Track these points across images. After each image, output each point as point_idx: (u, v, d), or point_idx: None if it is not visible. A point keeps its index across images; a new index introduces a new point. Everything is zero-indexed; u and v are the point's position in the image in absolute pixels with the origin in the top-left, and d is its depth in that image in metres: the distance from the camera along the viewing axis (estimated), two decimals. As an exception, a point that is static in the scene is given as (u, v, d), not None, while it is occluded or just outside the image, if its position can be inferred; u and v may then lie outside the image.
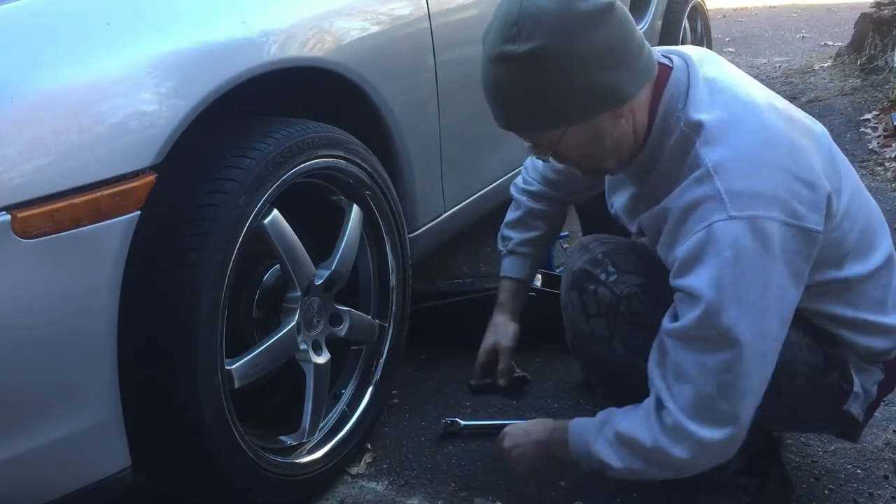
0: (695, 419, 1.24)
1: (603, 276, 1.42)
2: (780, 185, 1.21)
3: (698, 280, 1.21)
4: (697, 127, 1.25)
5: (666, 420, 1.27)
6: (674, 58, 1.32)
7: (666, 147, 1.29)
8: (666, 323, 1.28)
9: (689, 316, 1.22)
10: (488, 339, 1.72)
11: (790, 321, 1.26)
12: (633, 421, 1.32)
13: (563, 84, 1.20)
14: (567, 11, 1.18)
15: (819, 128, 1.37)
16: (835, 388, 1.40)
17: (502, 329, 1.72)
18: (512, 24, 1.19)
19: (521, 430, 1.52)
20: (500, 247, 1.79)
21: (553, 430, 1.46)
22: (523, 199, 1.75)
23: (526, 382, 1.78)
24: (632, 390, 1.35)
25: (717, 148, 1.23)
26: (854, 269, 1.34)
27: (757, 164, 1.22)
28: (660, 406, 1.28)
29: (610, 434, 1.34)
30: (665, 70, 1.30)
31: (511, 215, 1.77)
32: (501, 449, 1.53)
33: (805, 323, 1.37)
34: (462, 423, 1.85)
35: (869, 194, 1.43)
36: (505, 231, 1.78)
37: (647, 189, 1.35)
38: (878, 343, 1.39)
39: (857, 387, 1.41)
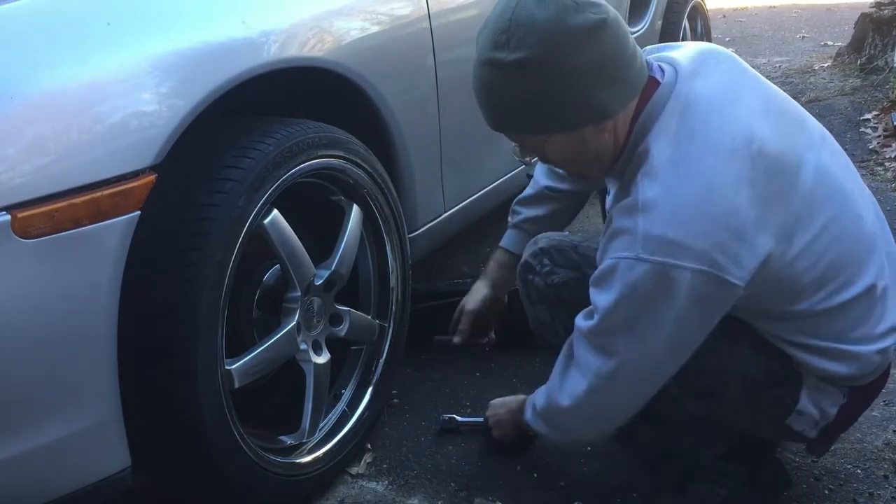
0: (570, 400, 1.38)
1: (538, 268, 1.59)
2: (705, 236, 1.19)
3: (598, 299, 1.30)
4: (647, 156, 1.24)
5: (551, 394, 1.44)
6: (667, 69, 1.30)
7: (630, 159, 1.29)
8: (578, 318, 1.36)
9: (590, 322, 1.32)
10: (462, 301, 1.85)
11: (688, 355, 1.30)
12: (539, 395, 1.50)
13: (548, 95, 1.20)
14: (558, 24, 1.17)
15: (811, 156, 1.30)
16: (776, 402, 1.39)
17: (474, 293, 1.84)
18: (503, 31, 1.20)
19: (500, 401, 1.75)
20: (509, 219, 1.85)
21: (521, 402, 1.63)
22: (543, 178, 1.78)
23: (490, 345, 1.92)
24: None
25: (654, 184, 1.22)
26: (814, 303, 1.31)
27: (686, 212, 1.20)
28: (551, 380, 1.45)
29: (532, 406, 1.52)
30: (653, 85, 1.28)
31: (526, 192, 1.83)
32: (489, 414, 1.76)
33: (755, 337, 1.37)
34: (459, 419, 1.85)
35: (866, 221, 1.36)
36: (515, 206, 1.84)
37: (619, 192, 1.36)
38: (838, 368, 1.35)
39: (803, 405, 1.38)
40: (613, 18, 1.21)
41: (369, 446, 1.80)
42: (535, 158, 1.37)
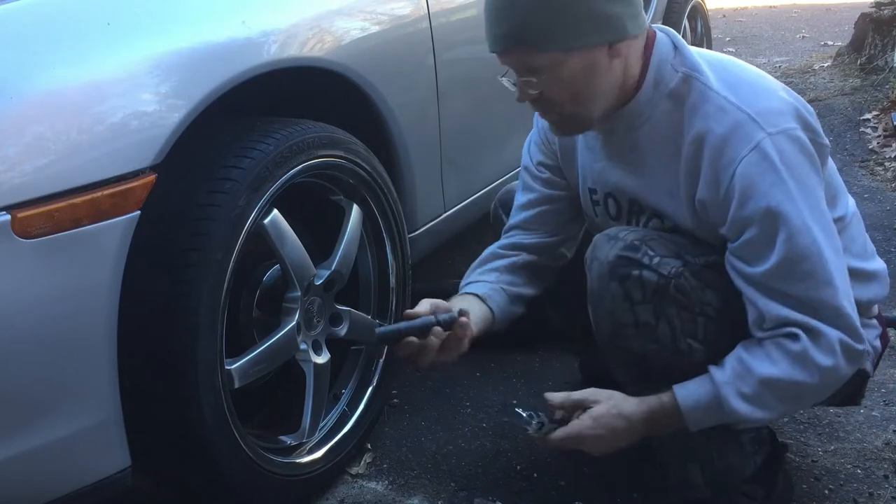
0: (841, 330, 1.28)
1: (646, 260, 1.33)
2: (790, 105, 1.33)
3: (768, 199, 1.26)
4: (699, 68, 1.35)
5: (827, 345, 1.27)
6: (654, 27, 1.42)
7: (660, 97, 1.36)
8: (751, 269, 1.29)
9: (778, 241, 1.26)
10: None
11: None
12: (785, 368, 1.28)
13: (576, 2, 1.27)
14: None
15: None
16: None
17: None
18: None
19: (603, 420, 1.38)
20: (459, 292, 1.65)
21: (654, 410, 1.36)
22: (490, 249, 1.72)
23: (451, 321, 1.50)
24: (666, 381, 1.34)
25: (722, 83, 1.33)
26: (843, 208, 1.43)
27: (765, 90, 1.34)
28: (815, 336, 1.27)
29: (750, 389, 1.29)
30: (652, 33, 1.39)
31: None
32: (582, 437, 1.40)
33: None
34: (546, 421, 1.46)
35: None
36: (467, 276, 1.69)
37: (647, 147, 1.40)
38: (868, 293, 1.43)
39: (867, 344, 1.42)
40: None
41: (369, 446, 1.80)
42: (536, 90, 1.32)
